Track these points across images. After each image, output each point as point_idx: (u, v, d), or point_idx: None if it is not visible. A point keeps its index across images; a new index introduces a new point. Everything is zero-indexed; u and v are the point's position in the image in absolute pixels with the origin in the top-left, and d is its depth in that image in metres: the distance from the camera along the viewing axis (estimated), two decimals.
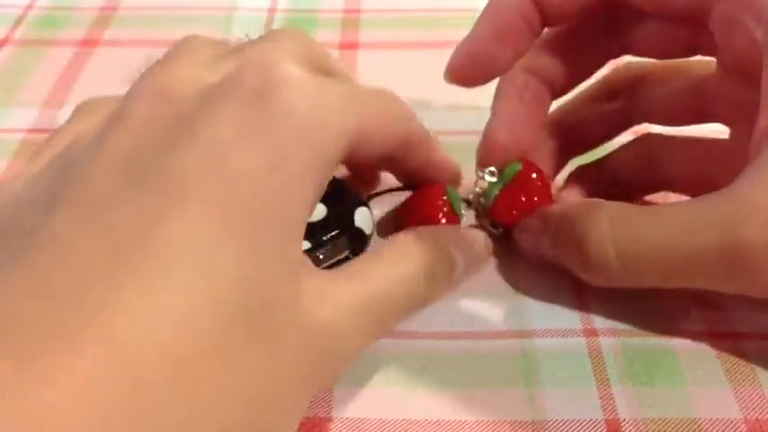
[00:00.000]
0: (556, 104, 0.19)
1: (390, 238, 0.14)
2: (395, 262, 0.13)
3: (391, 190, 0.18)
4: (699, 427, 0.14)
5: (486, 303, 0.17)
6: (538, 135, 0.18)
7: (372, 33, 0.26)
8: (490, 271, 0.18)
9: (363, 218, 0.17)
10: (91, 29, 0.26)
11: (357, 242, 0.17)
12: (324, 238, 0.16)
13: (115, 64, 0.25)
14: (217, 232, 0.09)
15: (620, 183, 0.18)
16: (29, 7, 0.27)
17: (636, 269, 0.14)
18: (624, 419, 0.15)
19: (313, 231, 0.16)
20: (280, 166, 0.10)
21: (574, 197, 0.18)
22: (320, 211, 0.16)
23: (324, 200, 0.16)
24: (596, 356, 0.16)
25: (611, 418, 0.15)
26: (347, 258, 0.17)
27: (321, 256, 0.16)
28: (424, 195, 0.17)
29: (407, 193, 0.18)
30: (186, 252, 0.08)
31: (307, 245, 0.16)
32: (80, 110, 0.13)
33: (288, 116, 0.10)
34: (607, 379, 0.15)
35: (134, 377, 0.07)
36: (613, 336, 0.16)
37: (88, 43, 0.26)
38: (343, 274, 0.12)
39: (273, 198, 0.10)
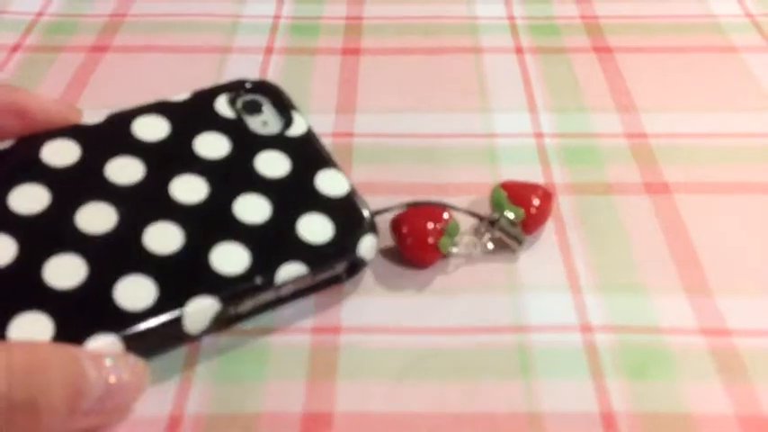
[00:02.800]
0: None
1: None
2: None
3: (400, 206, 0.18)
4: (691, 421, 0.15)
5: (484, 298, 0.17)
6: None
7: (374, 40, 0.27)
8: (489, 267, 0.18)
9: (368, 246, 0.16)
10: (101, 35, 0.27)
11: (355, 268, 0.16)
12: (323, 266, 0.15)
13: (125, 70, 0.25)
14: None
15: None
16: (40, 14, 0.28)
17: None
18: (618, 413, 0.15)
19: (314, 254, 0.15)
20: None
21: None
22: (326, 231, 0.15)
23: (332, 214, 0.15)
24: (592, 351, 0.16)
25: (605, 411, 0.15)
26: (338, 278, 0.16)
27: (313, 283, 0.15)
28: (423, 211, 0.18)
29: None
30: None
31: (303, 270, 0.15)
32: None
33: None
34: (602, 373, 0.16)
35: None
36: (609, 332, 0.17)
37: (98, 49, 0.26)
38: None
39: None
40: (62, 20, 0.28)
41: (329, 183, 0.16)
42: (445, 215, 0.18)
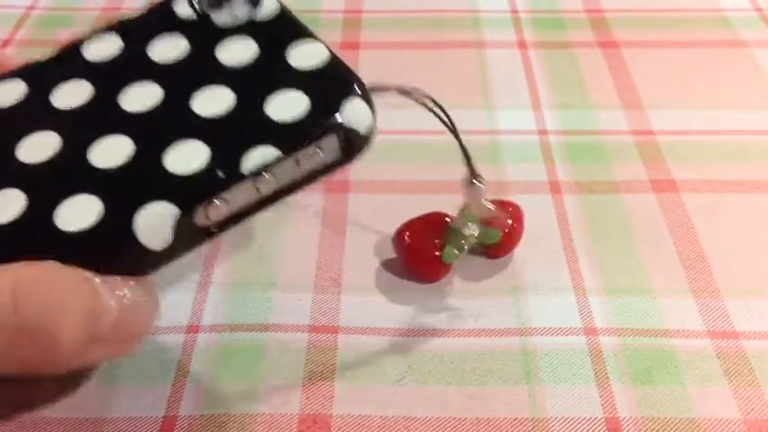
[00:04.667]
0: None
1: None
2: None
3: (395, 87, 0.14)
4: (698, 426, 0.15)
5: (487, 301, 0.17)
6: None
7: (374, 34, 0.26)
8: (491, 268, 0.18)
9: (358, 113, 0.13)
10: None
11: (351, 145, 0.13)
12: (299, 144, 0.12)
13: None
14: None
15: None
16: (31, 8, 0.28)
17: None
18: (624, 418, 0.15)
19: (285, 133, 0.12)
20: None
21: None
22: (299, 106, 0.12)
23: (308, 87, 0.13)
24: (596, 355, 0.16)
25: (611, 416, 0.15)
26: (336, 162, 0.13)
27: (302, 171, 0.12)
28: (430, 218, 0.17)
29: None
30: None
31: (274, 153, 0.12)
32: None
33: None
34: (607, 377, 0.15)
35: None
36: (614, 335, 0.16)
37: None
38: None
39: None
40: (54, 14, 0.27)
41: (304, 55, 0.13)
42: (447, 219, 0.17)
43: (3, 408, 0.11)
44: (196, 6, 0.15)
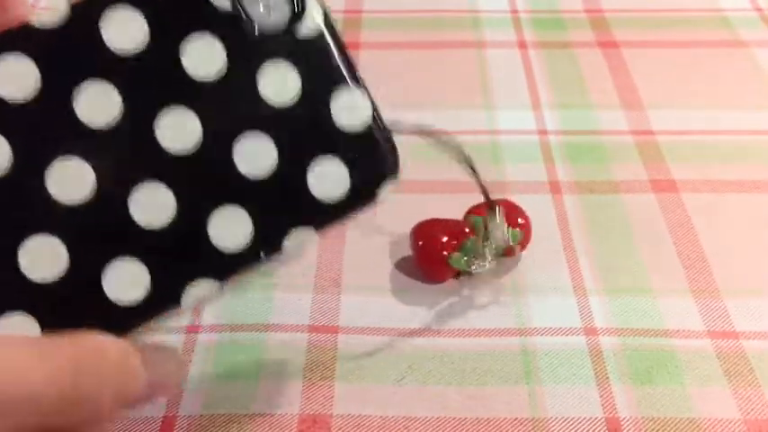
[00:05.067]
0: None
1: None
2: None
3: (422, 132, 0.15)
4: (698, 426, 0.15)
5: (487, 300, 0.17)
6: None
7: (374, 34, 0.26)
8: (491, 269, 0.18)
9: (385, 193, 0.13)
10: None
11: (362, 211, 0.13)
12: (334, 225, 0.12)
13: None
14: None
15: None
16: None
17: None
18: (624, 418, 0.15)
19: (326, 215, 0.13)
20: None
21: None
22: (341, 184, 0.13)
23: (348, 158, 0.13)
24: (596, 355, 0.16)
25: (611, 416, 0.15)
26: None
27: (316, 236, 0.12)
28: (449, 223, 0.17)
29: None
30: None
31: (311, 233, 0.12)
32: None
33: None
34: (607, 377, 0.15)
35: None
36: (614, 335, 0.16)
37: None
38: None
39: None
40: None
41: (348, 111, 0.13)
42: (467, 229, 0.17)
43: None
44: None
